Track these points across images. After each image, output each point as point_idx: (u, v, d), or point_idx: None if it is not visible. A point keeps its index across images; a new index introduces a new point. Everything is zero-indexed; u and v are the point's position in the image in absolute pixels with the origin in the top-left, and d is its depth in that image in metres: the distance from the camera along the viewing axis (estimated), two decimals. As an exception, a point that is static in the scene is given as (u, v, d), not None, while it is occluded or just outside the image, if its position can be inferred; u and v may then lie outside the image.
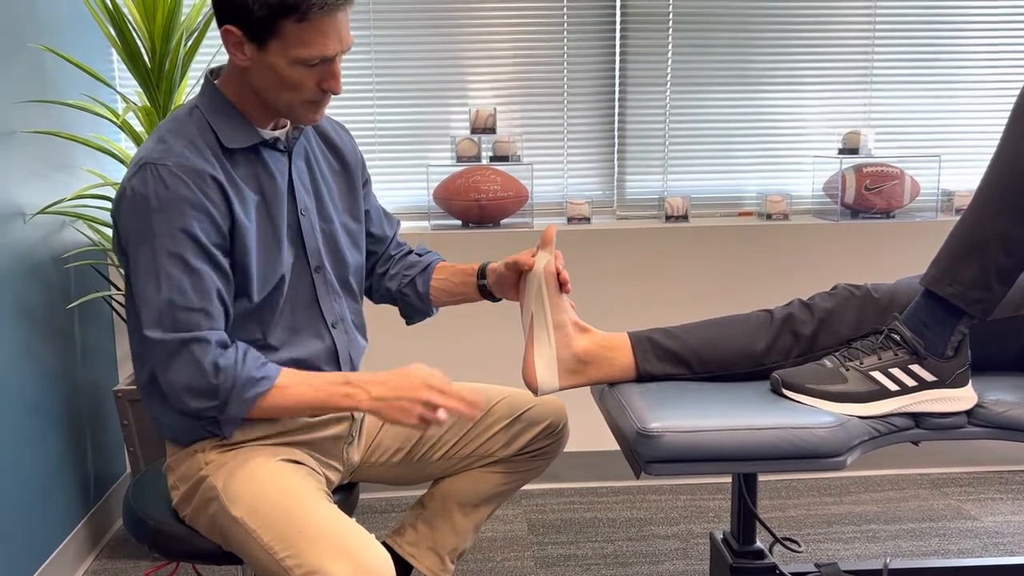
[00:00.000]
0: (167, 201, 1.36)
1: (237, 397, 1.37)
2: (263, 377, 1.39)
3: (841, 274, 2.01)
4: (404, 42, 2.74)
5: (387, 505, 2.67)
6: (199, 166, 1.39)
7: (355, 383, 1.42)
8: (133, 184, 1.37)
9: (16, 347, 2.06)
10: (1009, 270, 1.42)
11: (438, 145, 2.80)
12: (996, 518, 2.56)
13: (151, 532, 1.52)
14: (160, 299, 1.36)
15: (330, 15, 1.35)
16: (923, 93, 2.88)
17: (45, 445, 2.17)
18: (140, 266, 1.37)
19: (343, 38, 1.39)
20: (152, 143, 1.42)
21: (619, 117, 2.84)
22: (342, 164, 1.63)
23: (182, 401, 1.38)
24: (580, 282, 2.59)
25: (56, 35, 2.31)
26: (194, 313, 1.36)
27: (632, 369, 1.58)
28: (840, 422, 1.41)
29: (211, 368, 1.36)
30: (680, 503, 2.68)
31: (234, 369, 1.37)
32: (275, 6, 1.33)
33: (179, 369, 1.36)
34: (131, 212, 1.38)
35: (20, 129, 2.11)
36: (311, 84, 1.40)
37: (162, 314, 1.36)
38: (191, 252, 1.36)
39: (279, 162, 1.50)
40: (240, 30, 1.37)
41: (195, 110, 1.46)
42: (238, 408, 1.39)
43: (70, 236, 2.37)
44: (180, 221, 1.36)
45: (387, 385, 1.41)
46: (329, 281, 1.56)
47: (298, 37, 1.35)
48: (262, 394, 1.38)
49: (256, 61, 1.39)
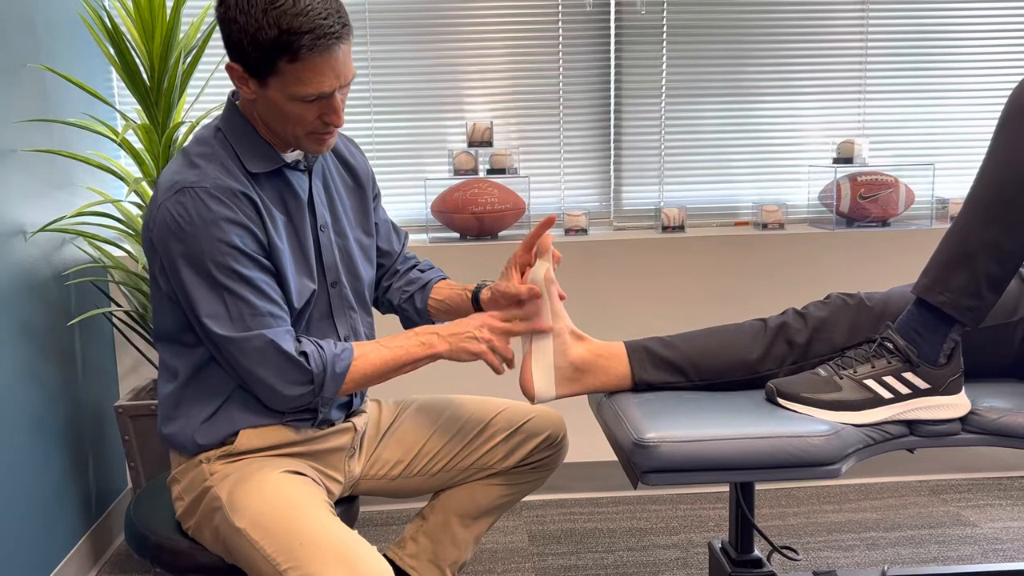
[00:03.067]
0: (210, 220, 1.39)
1: (331, 375, 1.45)
2: (343, 350, 1.48)
3: (838, 282, 2.03)
4: (401, 57, 2.77)
5: (388, 518, 2.68)
6: (235, 187, 1.43)
7: (422, 332, 1.52)
8: (170, 208, 1.40)
9: (18, 364, 2.07)
10: (999, 278, 1.43)
11: (435, 159, 2.82)
12: (995, 524, 2.57)
13: (153, 547, 1.53)
14: (228, 310, 1.41)
15: (322, 55, 1.36)
16: (916, 102, 2.90)
17: (47, 461, 2.18)
18: (196, 285, 1.41)
19: (340, 74, 1.39)
20: (183, 167, 1.44)
21: (615, 129, 2.86)
22: (355, 180, 1.66)
23: (280, 394, 1.45)
24: (577, 292, 2.61)
25: (56, 55, 2.33)
26: (263, 317, 1.42)
27: (628, 378, 1.59)
28: (835, 430, 1.43)
29: (300, 356, 1.43)
30: (680, 513, 2.68)
31: (317, 352, 1.45)
32: (267, 48, 1.35)
33: (269, 365, 1.42)
34: (173, 235, 1.40)
35: (21, 148, 2.13)
36: (311, 118, 1.43)
37: (235, 321, 1.41)
38: (242, 264, 1.41)
39: (301, 180, 1.54)
40: (241, 67, 1.40)
41: (218, 132, 1.49)
42: (333, 385, 1.46)
43: (71, 253, 2.39)
44: (225, 237, 1.40)
45: (452, 327, 1.53)
46: (344, 296, 1.59)
47: (294, 76, 1.37)
48: (349, 366, 1.47)
49: (259, 96, 1.42)
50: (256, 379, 1.44)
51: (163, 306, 1.49)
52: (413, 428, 1.71)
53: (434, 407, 1.73)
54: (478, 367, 1.58)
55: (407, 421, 1.72)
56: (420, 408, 1.74)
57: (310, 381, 1.44)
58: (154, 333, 1.55)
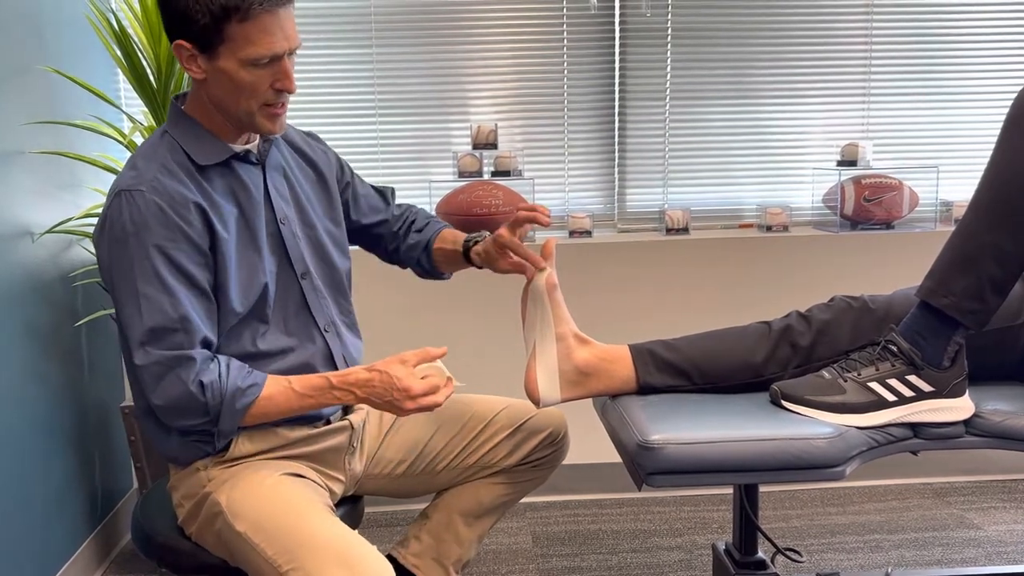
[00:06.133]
0: (141, 225, 1.38)
1: (228, 410, 1.41)
2: (250, 385, 1.43)
3: (842, 285, 2.03)
4: (405, 59, 2.77)
5: (391, 518, 2.68)
6: (172, 188, 1.42)
7: (339, 388, 1.46)
8: (110, 213, 1.41)
9: (24, 364, 2.08)
10: (1003, 281, 1.43)
11: (440, 161, 2.83)
12: (999, 527, 2.56)
13: (159, 548, 1.54)
14: (141, 323, 1.38)
15: (271, 12, 1.38)
16: (920, 104, 2.90)
17: (53, 461, 2.19)
18: (122, 293, 1.40)
19: (289, 36, 1.42)
20: (125, 171, 1.45)
21: (619, 131, 2.86)
22: (316, 173, 1.67)
23: (173, 422, 1.42)
24: (581, 295, 2.62)
25: (63, 57, 2.34)
26: (175, 334, 1.39)
27: (633, 381, 1.60)
28: (839, 433, 1.43)
29: (196, 387, 1.39)
30: (683, 514, 2.68)
31: (219, 383, 1.40)
32: (216, 11, 1.36)
33: (165, 391, 1.39)
34: (109, 241, 1.41)
35: (29, 150, 2.14)
36: (264, 86, 1.43)
37: (144, 337, 1.38)
38: (166, 270, 1.39)
39: (253, 174, 1.53)
40: (189, 43, 1.40)
41: (165, 134, 1.49)
42: (230, 420, 1.42)
43: (77, 254, 2.40)
44: (154, 241, 1.39)
45: (368, 388, 1.45)
46: (317, 287, 1.59)
47: (245, 38, 1.38)
48: (250, 404, 1.42)
49: (210, 72, 1.42)
50: (154, 403, 1.41)
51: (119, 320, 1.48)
52: (416, 427, 1.71)
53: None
54: (483, 364, 1.58)
55: (409, 420, 1.72)
56: (422, 407, 1.74)
57: (204, 413, 1.40)
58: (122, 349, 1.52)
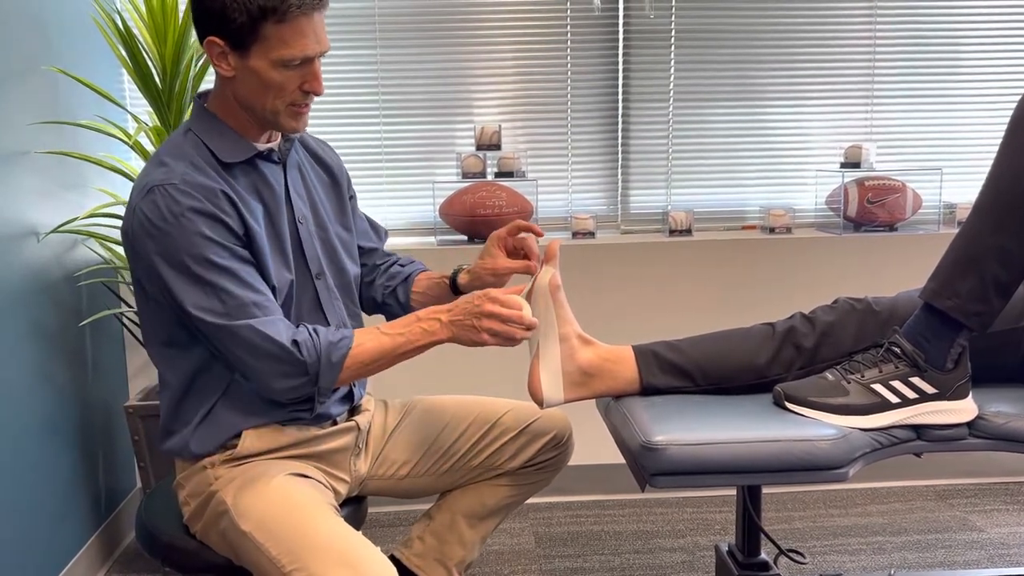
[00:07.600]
0: (179, 214, 1.39)
1: (326, 364, 1.42)
2: (342, 338, 1.44)
3: (844, 287, 2.03)
4: (409, 60, 2.78)
5: (395, 519, 2.69)
6: (204, 182, 1.42)
7: (425, 318, 1.47)
8: (144, 208, 1.40)
9: (29, 364, 2.09)
10: (1007, 283, 1.43)
11: (444, 161, 2.84)
12: (1002, 529, 2.56)
13: (163, 547, 1.54)
14: (212, 301, 1.39)
15: (307, 15, 1.40)
16: (924, 106, 2.90)
17: (57, 460, 2.20)
18: (176, 281, 1.40)
19: (321, 39, 1.43)
20: (152, 168, 1.45)
21: (622, 132, 2.86)
22: (331, 177, 1.68)
23: (272, 387, 1.43)
24: (585, 296, 2.62)
25: (68, 57, 2.35)
26: (247, 307, 1.40)
27: (636, 382, 1.60)
28: (842, 434, 1.43)
29: (291, 345, 1.40)
30: (686, 516, 2.69)
31: (312, 341, 1.42)
32: (254, 11, 1.37)
33: (260, 355, 1.40)
34: (148, 235, 1.40)
35: (34, 150, 2.15)
36: (293, 86, 1.44)
37: (221, 312, 1.39)
38: (217, 254, 1.40)
39: (275, 173, 1.54)
40: (222, 40, 1.41)
41: (189, 132, 1.50)
42: (329, 375, 1.43)
43: (82, 254, 2.40)
44: (197, 228, 1.39)
45: (455, 311, 1.46)
46: (330, 287, 1.60)
47: (279, 39, 1.39)
48: (345, 355, 1.43)
49: (240, 69, 1.43)
50: (250, 369, 1.42)
51: (149, 312, 1.49)
52: (420, 428, 1.72)
53: (441, 408, 1.74)
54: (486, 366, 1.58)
55: (414, 421, 1.73)
56: (427, 409, 1.75)
57: (304, 372, 1.42)
58: (145, 342, 1.55)
